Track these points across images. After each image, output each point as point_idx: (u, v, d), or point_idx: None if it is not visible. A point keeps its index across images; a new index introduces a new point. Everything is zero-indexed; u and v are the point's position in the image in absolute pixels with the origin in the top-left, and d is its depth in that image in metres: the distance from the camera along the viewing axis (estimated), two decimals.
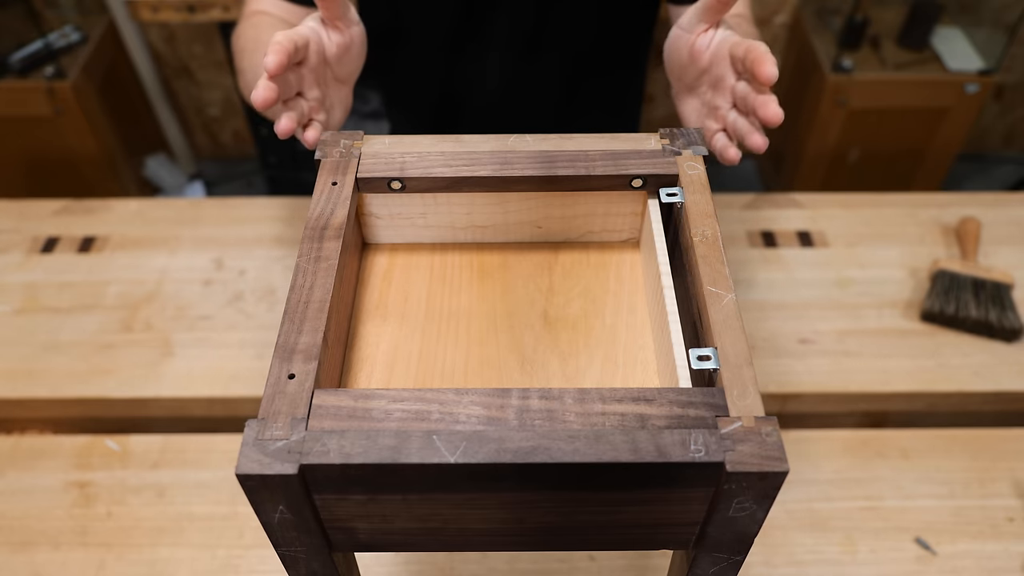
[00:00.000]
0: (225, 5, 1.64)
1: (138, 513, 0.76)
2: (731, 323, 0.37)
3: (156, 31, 1.97)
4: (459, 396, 0.34)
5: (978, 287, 0.91)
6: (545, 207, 0.47)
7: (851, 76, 1.70)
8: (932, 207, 1.06)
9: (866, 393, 0.85)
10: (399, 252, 0.49)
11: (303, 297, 0.38)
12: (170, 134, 2.08)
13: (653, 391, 0.34)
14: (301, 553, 0.36)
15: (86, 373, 0.87)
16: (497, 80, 0.91)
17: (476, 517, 0.35)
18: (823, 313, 0.93)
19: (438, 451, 0.32)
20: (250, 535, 0.75)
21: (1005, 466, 0.79)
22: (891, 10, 1.85)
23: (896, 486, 0.78)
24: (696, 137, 0.47)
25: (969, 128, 1.80)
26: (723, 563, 0.37)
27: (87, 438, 0.83)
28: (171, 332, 0.91)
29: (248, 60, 0.73)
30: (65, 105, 1.71)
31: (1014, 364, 0.87)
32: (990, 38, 1.78)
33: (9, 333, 0.92)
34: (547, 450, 0.32)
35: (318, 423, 0.33)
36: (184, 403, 0.86)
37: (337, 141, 0.47)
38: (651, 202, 0.46)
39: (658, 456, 0.32)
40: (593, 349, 0.44)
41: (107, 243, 1.02)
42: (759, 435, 0.32)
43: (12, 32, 1.80)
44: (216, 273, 0.98)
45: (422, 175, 0.45)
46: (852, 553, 0.73)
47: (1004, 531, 0.75)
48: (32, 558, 0.73)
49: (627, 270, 0.48)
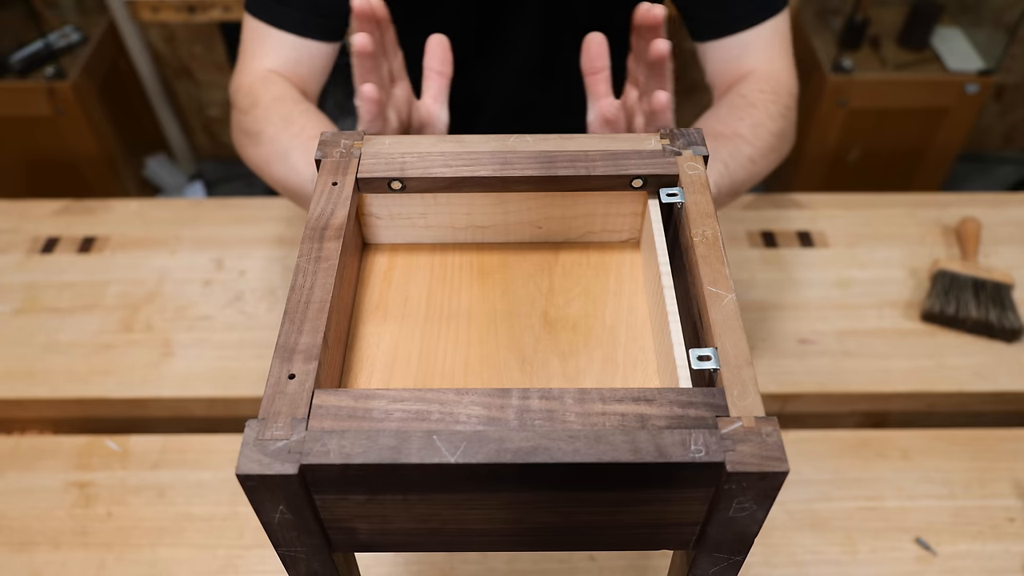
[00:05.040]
0: (225, 5, 1.64)
1: (138, 513, 0.76)
2: (731, 323, 0.37)
3: (156, 31, 1.97)
4: (459, 396, 0.34)
5: (978, 287, 0.91)
6: (545, 207, 0.47)
7: (851, 76, 1.70)
8: (932, 207, 1.06)
9: (866, 393, 0.85)
10: (399, 252, 0.49)
11: (303, 297, 0.38)
12: (170, 134, 2.08)
13: (653, 391, 0.34)
14: (301, 553, 0.36)
15: (86, 373, 0.87)
16: (504, 101, 0.91)
17: (476, 517, 0.35)
18: (823, 313, 0.93)
19: (438, 451, 0.32)
20: (250, 535, 0.75)
21: (1005, 466, 0.79)
22: (891, 10, 1.85)
23: (896, 486, 0.78)
24: (696, 137, 0.47)
25: (969, 128, 1.80)
26: (723, 563, 0.37)
27: (87, 438, 0.83)
28: (171, 332, 0.91)
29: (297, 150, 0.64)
30: (65, 105, 1.71)
31: (1014, 364, 0.87)
32: (990, 38, 1.78)
33: (9, 333, 0.92)
34: (547, 450, 0.32)
35: (318, 423, 0.33)
36: (184, 403, 0.86)
37: (337, 141, 0.47)
38: (651, 202, 0.46)
39: (658, 456, 0.32)
40: (593, 349, 0.44)
41: (107, 243, 1.02)
42: (759, 435, 0.32)
43: (12, 32, 1.80)
44: (216, 273, 0.98)
45: (422, 175, 0.45)
46: (852, 553, 0.73)
47: (1004, 531, 0.75)
48: (32, 558, 0.73)
49: (627, 270, 0.48)
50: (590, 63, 0.59)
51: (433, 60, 0.59)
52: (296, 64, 0.74)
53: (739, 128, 0.67)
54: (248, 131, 0.70)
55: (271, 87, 0.71)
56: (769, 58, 0.76)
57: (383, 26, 0.53)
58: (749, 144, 0.66)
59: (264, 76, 0.73)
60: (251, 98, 0.71)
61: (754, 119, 0.68)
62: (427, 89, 0.60)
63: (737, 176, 0.64)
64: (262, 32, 0.74)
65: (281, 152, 0.65)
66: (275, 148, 0.66)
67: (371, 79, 0.51)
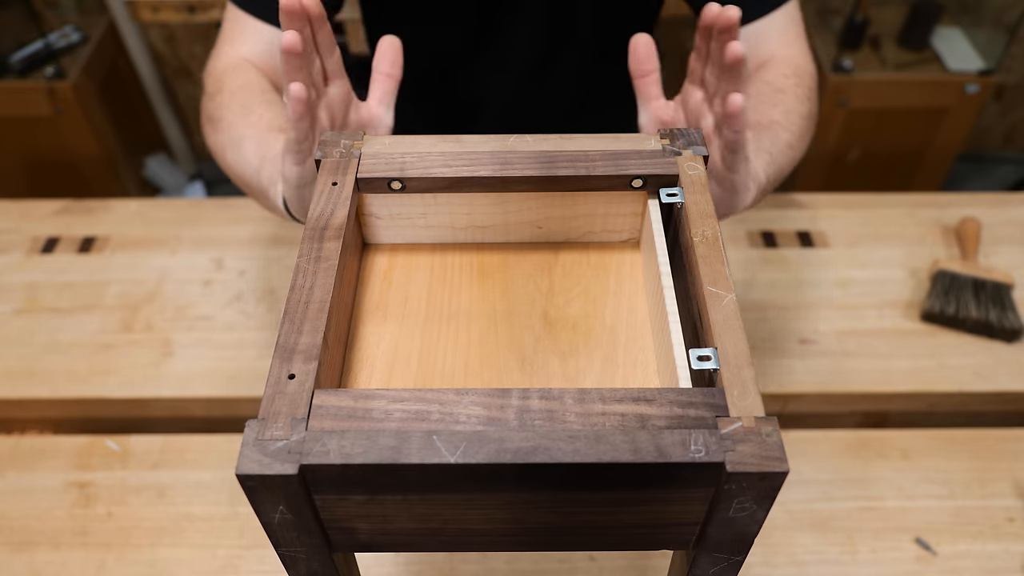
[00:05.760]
0: (225, 5, 1.64)
1: (138, 513, 0.76)
2: (731, 323, 0.37)
3: (156, 31, 1.97)
4: (459, 396, 0.34)
5: (978, 287, 0.91)
6: (545, 207, 0.47)
7: (851, 76, 1.70)
8: (932, 207, 1.06)
9: (866, 393, 0.85)
10: (399, 252, 0.49)
11: (303, 297, 0.38)
12: (170, 134, 2.08)
13: (653, 391, 0.34)
14: (301, 553, 0.36)
15: (86, 373, 0.87)
16: (504, 101, 0.91)
17: (476, 517, 0.35)
18: (823, 313, 0.93)
19: (438, 451, 0.32)
20: (250, 535, 0.74)
21: (1005, 466, 0.79)
22: (891, 10, 1.85)
23: (896, 486, 0.78)
24: (696, 137, 0.47)
25: (969, 128, 1.80)
26: (723, 563, 0.37)
27: (87, 438, 0.83)
28: (171, 332, 0.91)
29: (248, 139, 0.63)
30: (65, 105, 1.71)
31: (1014, 364, 0.87)
32: (990, 38, 1.78)
33: (9, 333, 0.92)
34: (547, 450, 0.32)
35: (318, 423, 0.33)
36: (184, 403, 0.86)
37: (337, 141, 0.47)
38: (651, 202, 0.46)
39: (658, 456, 0.32)
40: (593, 349, 0.44)
41: (107, 243, 1.02)
42: (759, 435, 0.32)
43: (12, 32, 1.80)
44: (216, 273, 0.98)
45: (422, 175, 0.45)
46: (852, 553, 0.73)
47: (1004, 531, 0.75)
48: (32, 558, 0.73)
49: (627, 270, 0.48)
50: (638, 65, 0.58)
51: (383, 62, 0.59)
52: (271, 55, 0.74)
53: (774, 115, 0.66)
54: (211, 117, 0.69)
55: (239, 74, 0.70)
56: (786, 43, 0.75)
57: (317, 23, 0.52)
58: (786, 130, 0.66)
59: (235, 63, 0.72)
60: (218, 84, 0.70)
61: (786, 105, 0.68)
62: (373, 91, 0.60)
63: (781, 163, 0.64)
64: (241, 20, 0.74)
65: (236, 140, 0.64)
66: (231, 135, 0.65)
67: (298, 77, 0.50)
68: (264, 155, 0.61)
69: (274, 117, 0.65)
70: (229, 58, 0.73)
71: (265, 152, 0.61)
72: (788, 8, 0.76)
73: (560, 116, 0.94)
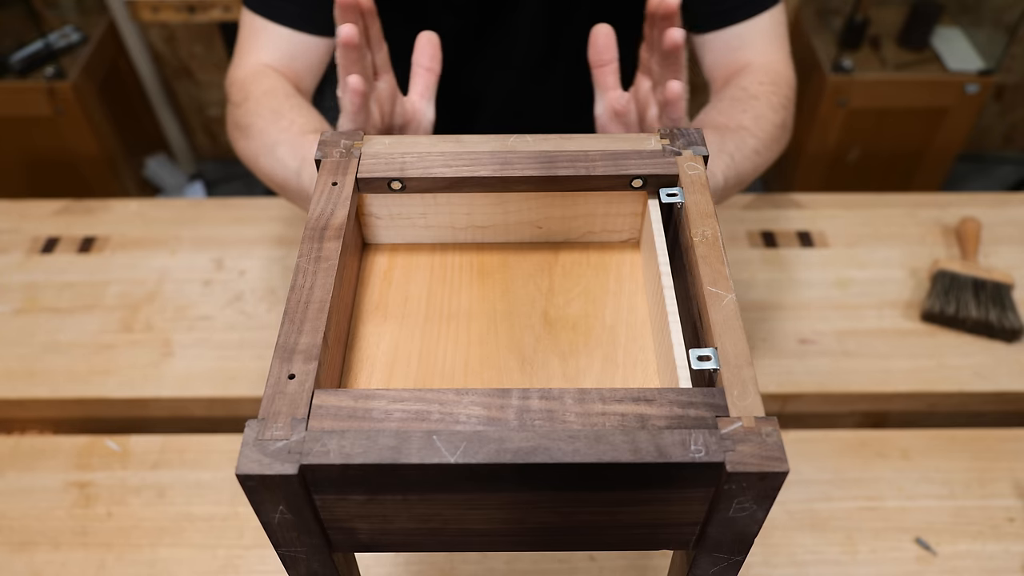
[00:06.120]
0: (225, 5, 1.64)
1: (138, 513, 0.76)
2: (731, 323, 0.37)
3: (156, 31, 1.97)
4: (459, 396, 0.34)
5: (978, 287, 0.91)
6: (545, 207, 0.47)
7: (851, 76, 1.70)
8: (932, 207, 1.06)
9: (866, 393, 0.85)
10: (399, 252, 0.49)
11: (303, 297, 0.38)
12: (170, 134, 2.08)
13: (653, 391, 0.34)
14: (301, 553, 0.36)
15: (86, 373, 0.87)
16: (504, 99, 0.91)
17: (476, 517, 0.35)
18: (823, 313, 0.93)
19: (438, 451, 0.32)
20: (250, 535, 0.75)
21: (1005, 466, 0.79)
22: (891, 10, 1.85)
23: (896, 486, 0.78)
24: (696, 137, 0.47)
25: (969, 128, 1.80)
26: (723, 563, 0.37)
27: (87, 438, 0.83)
28: (171, 332, 0.91)
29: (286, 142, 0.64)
30: (65, 105, 1.71)
31: (1014, 364, 0.87)
32: (990, 38, 1.78)
33: (9, 333, 0.92)
34: (547, 450, 0.32)
35: (318, 423, 0.33)
36: (184, 403, 0.86)
37: (337, 141, 0.47)
38: (651, 202, 0.46)
39: (658, 456, 0.32)
40: (593, 349, 0.44)
41: (107, 243, 1.02)
42: (759, 435, 0.32)
43: (12, 32, 1.80)
44: (216, 273, 0.98)
45: (422, 175, 0.45)
46: (852, 553, 0.73)
47: (1004, 531, 0.75)
48: (32, 558, 0.73)
49: (627, 270, 0.48)
50: (597, 55, 0.58)
51: (422, 56, 0.59)
52: (291, 59, 0.74)
53: (743, 120, 0.67)
54: (240, 125, 0.70)
55: (263, 81, 0.70)
56: (767, 50, 0.76)
57: (368, 18, 0.53)
58: (753, 136, 0.66)
59: (258, 70, 0.72)
60: (243, 92, 0.70)
61: (757, 111, 0.68)
62: (415, 85, 0.60)
63: (743, 168, 0.65)
64: (258, 26, 0.74)
65: (269, 145, 0.65)
66: (263, 141, 0.66)
67: (355, 70, 0.51)
68: (304, 156, 0.62)
69: (306, 121, 0.66)
70: (251, 65, 0.73)
71: (304, 154, 0.62)
72: (773, 13, 0.76)
73: (559, 113, 0.94)
